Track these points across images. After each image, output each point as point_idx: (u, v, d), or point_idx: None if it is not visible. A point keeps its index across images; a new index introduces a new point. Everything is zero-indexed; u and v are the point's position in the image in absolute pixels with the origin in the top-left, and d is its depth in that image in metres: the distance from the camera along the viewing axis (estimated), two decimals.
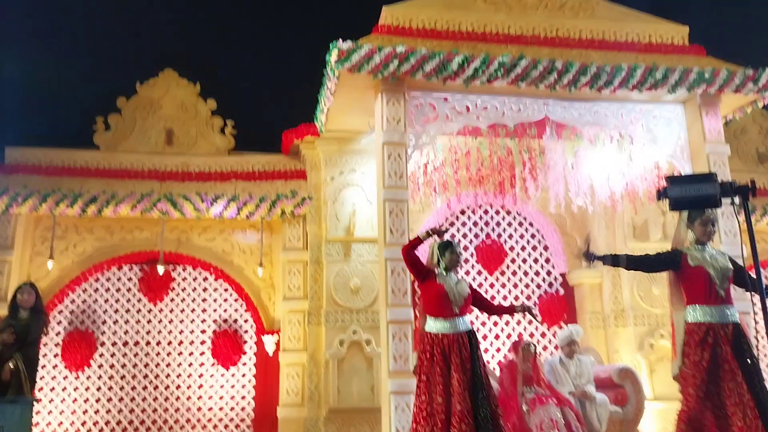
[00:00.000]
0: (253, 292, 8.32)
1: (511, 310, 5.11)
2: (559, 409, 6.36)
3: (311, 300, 7.93)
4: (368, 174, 8.09)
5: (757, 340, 6.72)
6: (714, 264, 3.99)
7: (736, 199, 2.64)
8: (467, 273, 8.60)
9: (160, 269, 8.06)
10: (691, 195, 2.68)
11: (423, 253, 5.00)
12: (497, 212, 8.94)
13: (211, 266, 8.32)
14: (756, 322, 2.68)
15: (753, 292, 4.04)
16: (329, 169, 8.25)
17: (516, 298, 8.69)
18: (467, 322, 4.68)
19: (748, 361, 3.72)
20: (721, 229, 6.81)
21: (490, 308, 5.15)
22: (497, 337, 8.53)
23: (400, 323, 6.16)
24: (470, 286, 4.85)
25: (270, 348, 8.08)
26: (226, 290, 8.40)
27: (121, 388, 7.93)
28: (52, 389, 7.80)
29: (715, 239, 6.78)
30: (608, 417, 6.72)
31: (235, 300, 8.39)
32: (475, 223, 8.88)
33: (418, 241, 4.79)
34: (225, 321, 8.30)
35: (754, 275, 3.80)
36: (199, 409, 7.96)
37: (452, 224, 8.81)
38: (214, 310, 8.32)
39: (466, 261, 8.66)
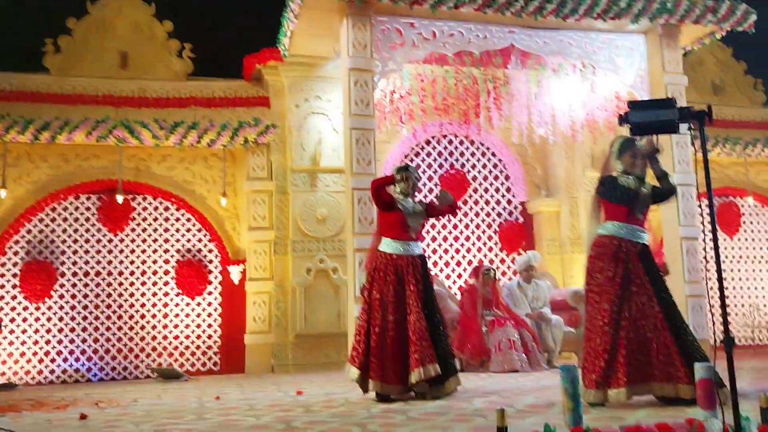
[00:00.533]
0: (216, 222, 8.29)
1: (449, 207, 4.95)
2: (516, 330, 6.67)
3: (277, 230, 7.96)
4: (335, 102, 8.01)
5: (707, 269, 7.08)
6: (636, 191, 4.06)
7: (693, 125, 2.71)
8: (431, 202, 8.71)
9: (119, 199, 7.92)
10: (651, 120, 2.74)
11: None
12: (461, 142, 9.01)
13: (173, 196, 8.23)
14: (704, 245, 2.78)
15: (663, 201, 4.20)
16: (294, 96, 8.13)
17: (477, 226, 8.89)
18: (420, 248, 4.74)
19: (656, 277, 3.88)
20: (675, 157, 7.04)
21: (438, 212, 5.00)
22: (459, 263, 8.76)
23: (364, 251, 6.25)
24: (422, 203, 4.87)
25: (236, 277, 8.13)
26: (188, 220, 8.34)
27: (84, 318, 7.91)
28: (12, 320, 7.74)
29: (669, 168, 7.01)
30: (562, 337, 7.07)
31: (199, 230, 8.35)
32: (440, 153, 8.95)
33: (389, 180, 4.74)
34: (189, 251, 8.28)
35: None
36: (165, 338, 8.03)
37: (417, 154, 8.86)
38: (177, 240, 8.28)
39: (431, 191, 8.76)
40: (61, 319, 7.86)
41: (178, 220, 8.32)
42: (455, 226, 8.81)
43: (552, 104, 7.91)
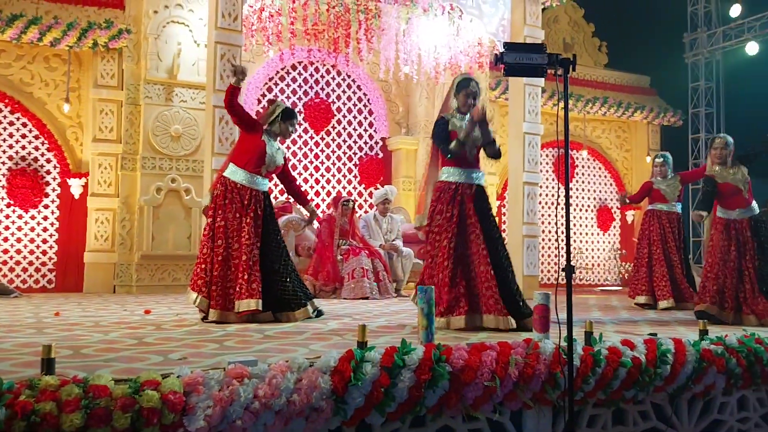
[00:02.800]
0: (57, 130, 7.61)
1: (304, 202, 4.98)
2: (369, 260, 6.91)
3: (126, 144, 7.48)
4: (198, 12, 7.54)
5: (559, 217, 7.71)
6: (473, 135, 4.31)
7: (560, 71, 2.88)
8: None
9: None
10: (523, 63, 2.89)
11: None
12: (328, 72, 8.92)
13: (6, 97, 7.41)
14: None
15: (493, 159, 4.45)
16: (152, 1, 7.53)
17: (339, 158, 8.95)
18: (267, 185, 4.61)
19: (485, 216, 4.24)
20: (526, 107, 7.49)
21: (291, 187, 4.96)
22: (318, 193, 8.81)
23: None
24: (285, 159, 4.78)
25: (76, 191, 7.58)
26: (24, 125, 7.57)
27: None
28: None
29: (519, 118, 7.47)
30: (411, 268, 7.45)
31: (36, 137, 7.62)
32: (306, 80, 8.80)
33: (236, 90, 4.49)
34: (23, 159, 7.56)
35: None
36: None
37: (282, 78, 8.65)
38: (10, 146, 7.51)
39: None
40: None
41: (12, 124, 7.52)
42: (317, 156, 8.81)
43: (419, 43, 8.03)
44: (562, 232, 2.80)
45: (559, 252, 2.71)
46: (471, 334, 3.77)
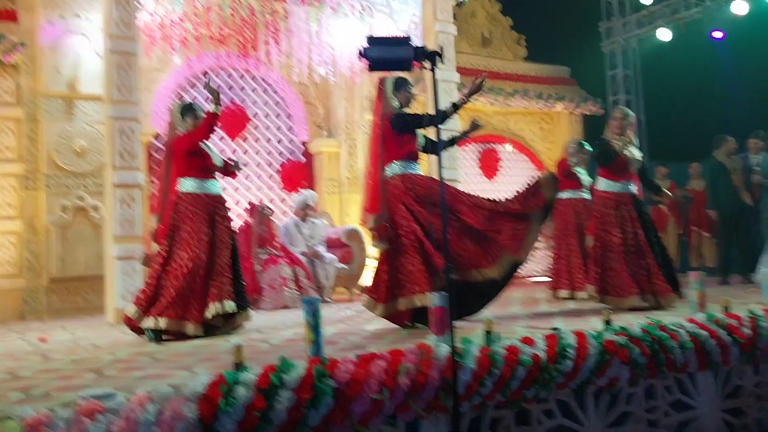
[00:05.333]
0: None
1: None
2: (290, 269, 6.72)
3: (28, 162, 7.05)
4: (95, 21, 7.15)
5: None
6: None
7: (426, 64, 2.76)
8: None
9: None
10: (388, 57, 2.77)
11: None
12: (242, 77, 8.66)
13: None
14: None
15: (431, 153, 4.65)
16: (47, 12, 7.13)
17: (258, 164, 8.70)
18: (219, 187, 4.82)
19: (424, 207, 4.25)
20: (440, 105, 7.41)
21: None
22: (238, 202, 8.54)
23: (128, 187, 5.83)
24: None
25: None
26: None
27: None
28: None
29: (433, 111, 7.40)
30: (335, 273, 7.27)
31: None
32: (219, 87, 8.51)
33: (217, 119, 4.68)
34: None
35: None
36: None
37: (193, 86, 8.35)
38: None
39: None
40: None
41: None
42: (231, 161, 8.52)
43: (332, 44, 7.87)
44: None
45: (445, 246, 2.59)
46: (374, 341, 3.64)
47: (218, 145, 8.41)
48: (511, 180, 10.92)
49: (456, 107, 4.40)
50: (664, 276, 4.85)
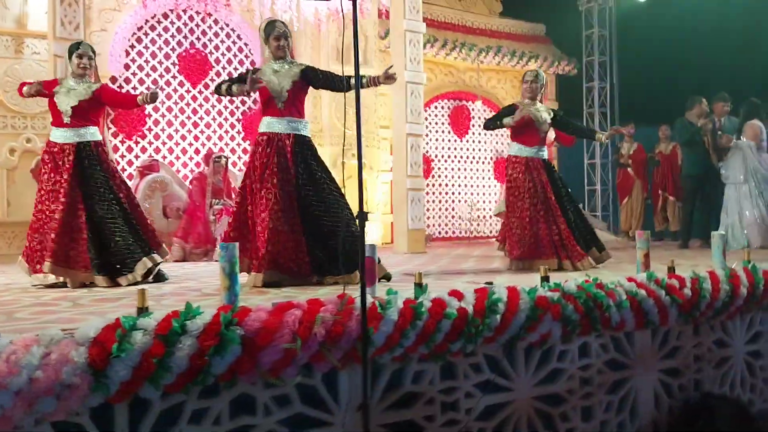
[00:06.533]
0: None
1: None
2: None
3: None
4: None
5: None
6: (278, 79, 4.07)
7: None
8: (168, 83, 8.07)
9: None
10: None
11: None
12: (203, 20, 8.34)
13: None
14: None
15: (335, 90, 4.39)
16: None
17: (219, 113, 8.46)
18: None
19: (308, 166, 4.04)
20: (407, 55, 7.23)
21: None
22: (197, 151, 8.33)
23: None
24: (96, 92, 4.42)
25: None
26: None
27: None
28: None
29: (400, 66, 7.20)
30: None
31: None
32: (179, 30, 8.20)
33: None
34: None
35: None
36: None
37: (153, 28, 8.02)
38: None
39: (168, 71, 8.08)
40: None
41: None
42: (195, 112, 8.28)
43: None
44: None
45: (360, 197, 2.47)
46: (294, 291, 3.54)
47: (178, 92, 8.16)
48: (481, 138, 10.80)
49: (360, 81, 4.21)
50: (581, 240, 4.85)
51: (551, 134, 6.50)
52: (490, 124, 5.14)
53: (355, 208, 3.74)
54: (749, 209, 6.37)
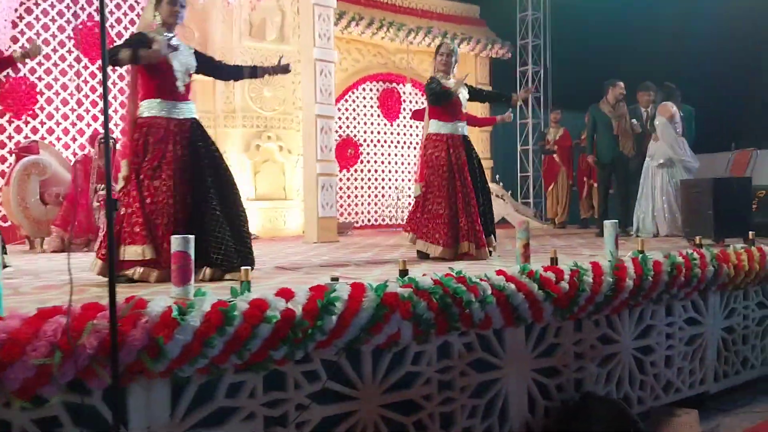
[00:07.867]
0: None
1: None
2: None
3: None
4: None
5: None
6: (180, 58, 3.62)
7: None
8: (63, 59, 7.49)
9: None
10: None
11: None
12: None
13: None
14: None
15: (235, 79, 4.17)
16: None
17: (122, 91, 7.91)
18: None
19: (204, 152, 3.67)
20: (316, 31, 6.82)
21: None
22: (97, 132, 7.76)
23: None
24: None
25: None
26: None
27: None
28: None
29: (309, 43, 6.79)
30: None
31: None
32: (75, 1, 7.62)
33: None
34: None
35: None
36: None
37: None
38: None
39: (62, 44, 7.50)
40: None
41: None
42: (93, 89, 7.72)
43: None
44: None
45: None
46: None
47: (73, 67, 7.60)
48: (411, 122, 10.45)
49: (254, 70, 3.94)
50: (486, 226, 4.60)
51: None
52: (443, 97, 4.68)
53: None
54: (659, 197, 6.19)
